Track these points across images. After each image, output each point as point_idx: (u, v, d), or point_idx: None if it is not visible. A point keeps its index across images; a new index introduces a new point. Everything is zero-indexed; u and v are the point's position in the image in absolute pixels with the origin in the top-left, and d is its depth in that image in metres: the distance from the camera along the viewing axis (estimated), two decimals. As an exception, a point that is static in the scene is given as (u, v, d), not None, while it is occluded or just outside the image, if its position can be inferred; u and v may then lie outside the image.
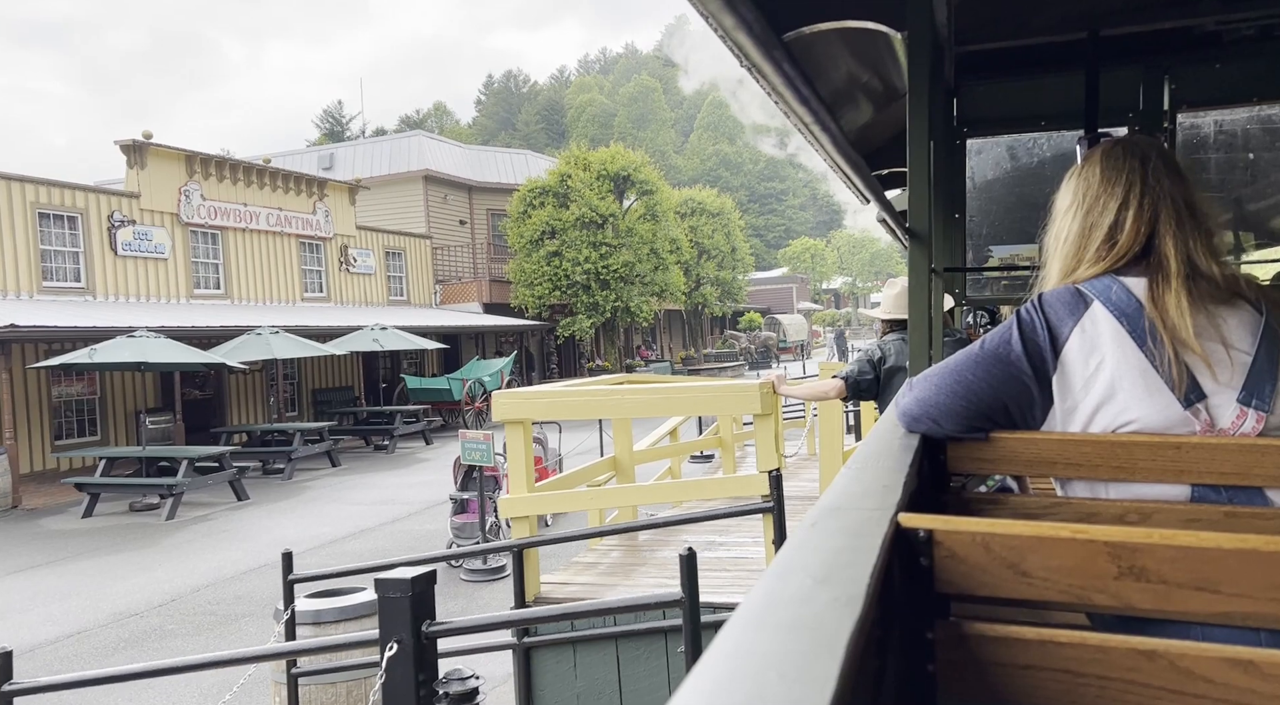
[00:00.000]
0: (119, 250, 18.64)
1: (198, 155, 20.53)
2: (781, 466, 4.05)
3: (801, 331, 48.45)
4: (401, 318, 24.34)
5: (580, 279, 26.04)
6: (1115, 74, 2.97)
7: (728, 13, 1.74)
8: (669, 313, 37.98)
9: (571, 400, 4.38)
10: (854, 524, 0.89)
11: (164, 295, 19.73)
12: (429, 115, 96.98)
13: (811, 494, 7.85)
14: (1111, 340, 1.32)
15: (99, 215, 18.30)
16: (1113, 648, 0.92)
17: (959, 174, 3.22)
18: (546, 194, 26.90)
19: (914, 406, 1.44)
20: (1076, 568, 0.95)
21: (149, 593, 8.88)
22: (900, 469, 1.14)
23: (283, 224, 23.00)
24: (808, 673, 0.53)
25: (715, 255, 34.91)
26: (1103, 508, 1.35)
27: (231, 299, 21.49)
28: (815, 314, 61.69)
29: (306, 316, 21.40)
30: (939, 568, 0.99)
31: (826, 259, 70.52)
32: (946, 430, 1.42)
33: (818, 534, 0.87)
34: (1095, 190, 1.43)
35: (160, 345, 12.86)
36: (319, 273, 24.40)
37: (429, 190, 29.10)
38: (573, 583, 4.85)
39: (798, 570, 0.73)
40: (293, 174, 23.56)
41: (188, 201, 20.27)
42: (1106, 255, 1.39)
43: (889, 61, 3.03)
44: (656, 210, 27.83)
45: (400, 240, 27.30)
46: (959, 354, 1.45)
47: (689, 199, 35.03)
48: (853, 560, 0.76)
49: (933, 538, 0.99)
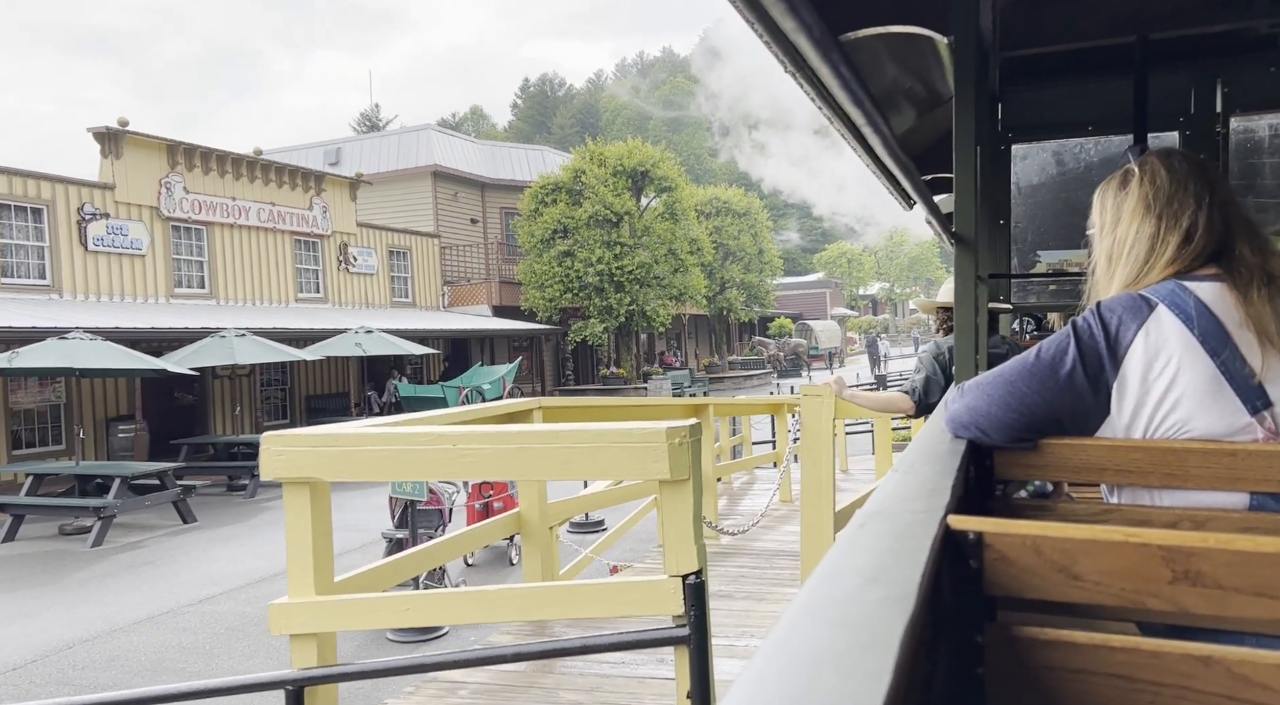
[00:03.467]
0: (90, 245, 17.37)
1: (180, 145, 19.25)
2: (703, 566, 2.43)
3: (835, 338, 46.38)
4: (404, 321, 22.92)
5: (593, 280, 24.42)
6: (1165, 78, 2.93)
7: (789, 15, 1.80)
8: (695, 318, 36.23)
9: (376, 451, 2.74)
10: (902, 526, 0.90)
11: (141, 294, 18.44)
12: (465, 119, 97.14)
13: (792, 548, 6.12)
14: (1178, 344, 1.30)
15: (67, 207, 17.05)
16: (1167, 653, 0.91)
17: (1004, 179, 3.19)
18: (559, 190, 25.34)
19: (963, 414, 1.44)
20: (1129, 572, 0.95)
21: (11, 649, 7.38)
22: (948, 473, 1.16)
23: (275, 220, 21.68)
24: (861, 667, 0.53)
25: (741, 257, 33.07)
26: (1155, 515, 1.36)
27: (217, 299, 20.18)
28: (850, 320, 59.58)
29: (296, 318, 20.02)
30: (988, 570, 0.99)
31: (863, 264, 68.53)
32: (994, 440, 1.42)
33: (866, 535, 0.88)
34: (1166, 195, 1.43)
35: (94, 349, 11.44)
36: (315, 272, 23.05)
37: (438, 187, 27.68)
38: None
39: (847, 570, 0.74)
40: (286, 166, 22.24)
41: (169, 194, 18.99)
42: (1180, 258, 1.39)
43: (933, 66, 3.08)
44: (676, 208, 26.09)
45: (406, 239, 25.90)
46: (1013, 363, 1.42)
47: (714, 198, 33.25)
48: (902, 560, 0.76)
49: (982, 540, 0.99)
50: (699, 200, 31.80)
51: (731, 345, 40.08)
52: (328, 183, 23.31)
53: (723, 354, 36.21)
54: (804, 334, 44.39)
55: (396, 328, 20.99)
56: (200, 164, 19.77)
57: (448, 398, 19.46)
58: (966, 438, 1.41)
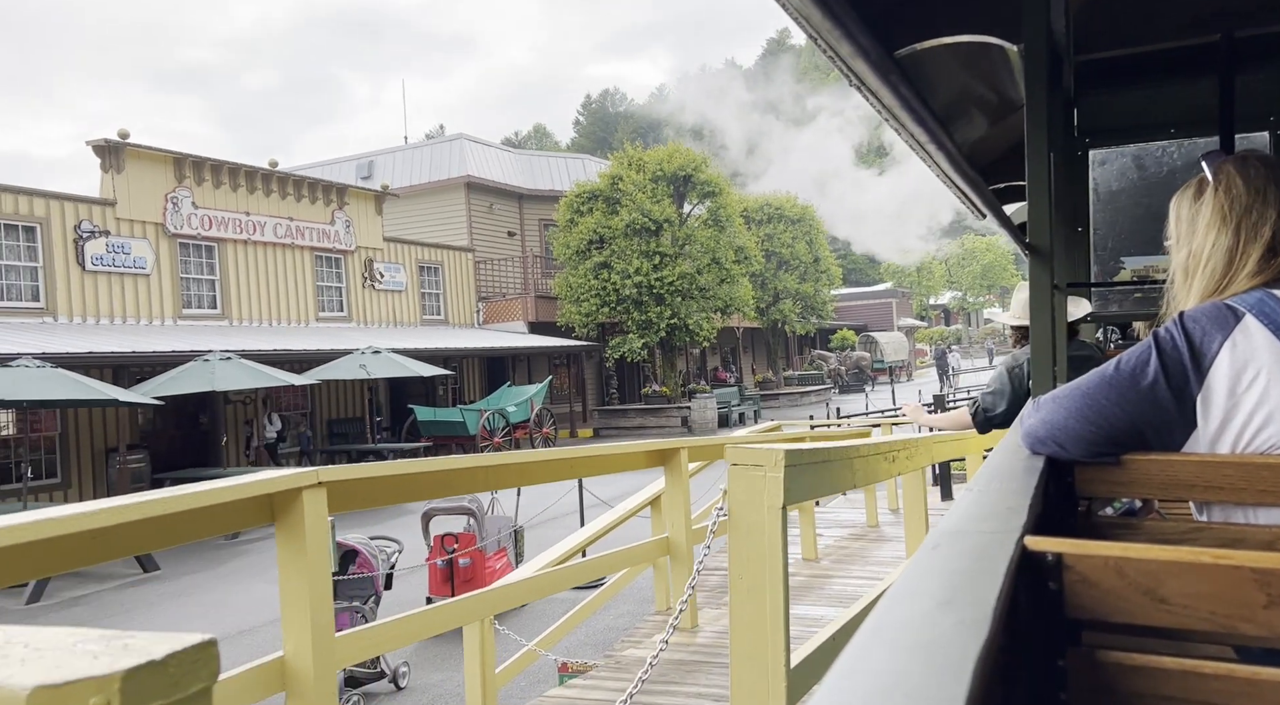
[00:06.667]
0: (87, 265, 16.43)
1: (188, 157, 18.29)
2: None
3: (901, 351, 43.80)
4: (434, 339, 21.64)
5: (630, 293, 22.76)
6: (1252, 77, 2.78)
7: (845, 41, 1.76)
8: (750, 331, 34.32)
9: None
10: (977, 547, 0.89)
11: (144, 316, 17.44)
12: (528, 137, 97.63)
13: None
14: (1268, 356, 1.28)
15: (63, 225, 16.14)
16: (1264, 680, 0.88)
17: (1081, 186, 3.09)
18: (596, 198, 23.81)
19: (1039, 428, 1.40)
20: (1220, 595, 0.91)
21: None
22: (1025, 491, 1.13)
23: (294, 235, 20.62)
24: (934, 695, 0.52)
25: (795, 266, 31.03)
26: (1249, 533, 1.31)
27: (230, 320, 19.14)
28: (919, 331, 56.77)
29: (314, 339, 18.85)
30: (1069, 593, 0.96)
31: (934, 272, 65.67)
32: (1072, 455, 1.38)
33: (939, 557, 0.86)
34: (1245, 203, 1.40)
35: (41, 377, 10.24)
36: (338, 289, 21.93)
37: (472, 198, 26.45)
38: None
39: (920, 593, 0.73)
40: (305, 179, 21.20)
41: (176, 210, 18.02)
42: (1263, 272, 1.37)
43: (1002, 73, 3.05)
44: (721, 215, 24.28)
45: (437, 253, 24.68)
46: (1091, 375, 1.38)
47: (765, 204, 31.30)
48: (977, 582, 0.75)
49: (1062, 561, 0.96)
50: (749, 206, 29.92)
51: (790, 359, 37.96)
52: (351, 196, 22.22)
53: (778, 369, 34.13)
54: (868, 346, 41.95)
55: (426, 347, 19.70)
56: (210, 177, 18.79)
57: (467, 422, 18.01)
58: (1044, 453, 1.38)
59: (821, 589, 6.22)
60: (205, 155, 18.73)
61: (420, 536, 8.19)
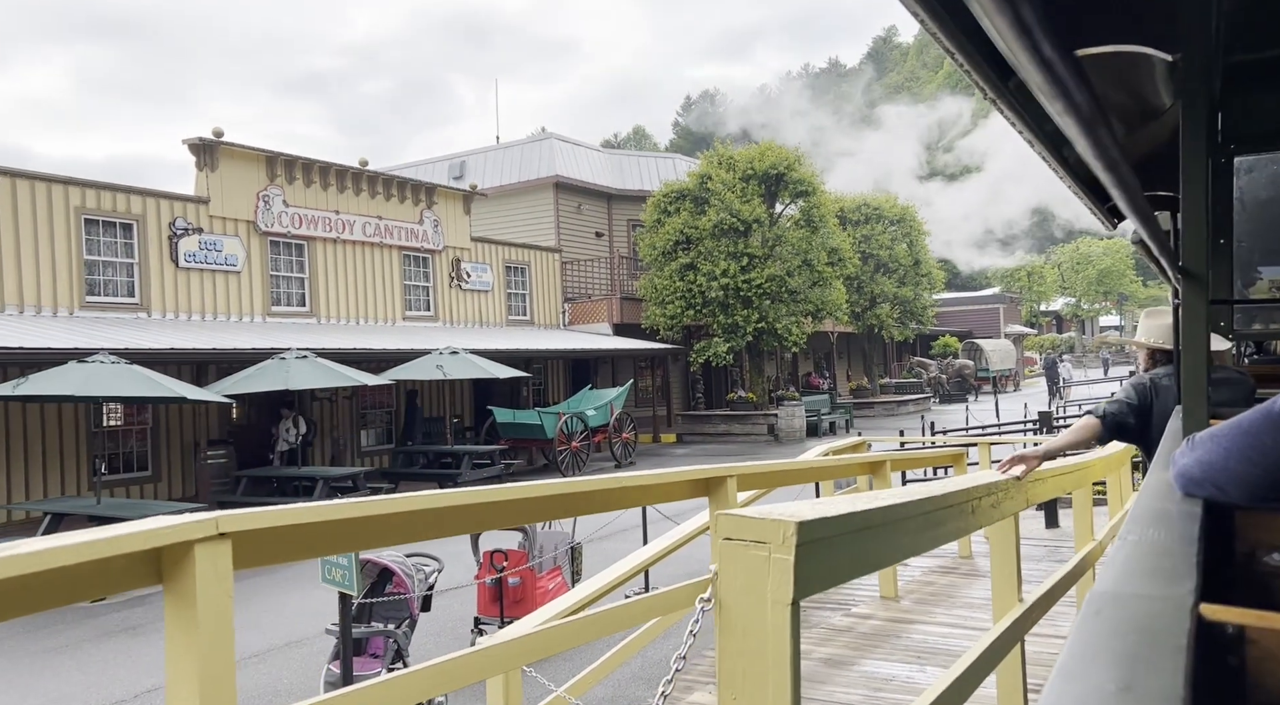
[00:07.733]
0: (181, 262, 16.76)
1: (279, 156, 18.51)
2: None
3: (1008, 359, 41.66)
4: (519, 340, 21.45)
5: (716, 295, 22.06)
6: None
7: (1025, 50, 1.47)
8: (846, 336, 33.12)
9: None
10: (1145, 615, 0.83)
11: (235, 313, 17.72)
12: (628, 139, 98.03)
13: None
14: None
15: (158, 222, 16.49)
16: None
17: (1225, 196, 2.85)
18: (683, 198, 23.21)
19: (1195, 469, 1.30)
20: None
21: None
22: (1188, 543, 1.04)
23: (382, 234, 20.72)
24: None
25: (894, 269, 29.72)
26: None
27: (318, 318, 19.31)
28: (1028, 339, 54.11)
29: (401, 338, 18.84)
30: (1251, 671, 0.88)
31: (1045, 278, 62.63)
32: (1234, 498, 1.27)
33: (1104, 626, 0.80)
34: None
35: (113, 373, 10.28)
36: (425, 289, 21.95)
37: (560, 199, 26.20)
38: None
39: (1092, 674, 0.68)
40: (395, 178, 21.28)
41: (267, 208, 18.26)
42: None
43: (1144, 79, 2.84)
44: (814, 215, 23.34)
45: (524, 254, 24.52)
46: (1253, 412, 1.25)
47: (863, 203, 30.07)
48: (1157, 666, 0.70)
49: (1244, 635, 0.88)
50: (845, 206, 28.79)
51: (887, 366, 36.53)
52: (439, 195, 22.22)
53: (873, 376, 32.80)
54: (971, 354, 40.03)
55: (509, 348, 19.48)
56: (301, 176, 18.99)
57: (545, 425, 17.66)
58: (1199, 496, 1.29)
59: (898, 638, 5.46)
60: (297, 154, 18.93)
61: (470, 553, 7.76)
